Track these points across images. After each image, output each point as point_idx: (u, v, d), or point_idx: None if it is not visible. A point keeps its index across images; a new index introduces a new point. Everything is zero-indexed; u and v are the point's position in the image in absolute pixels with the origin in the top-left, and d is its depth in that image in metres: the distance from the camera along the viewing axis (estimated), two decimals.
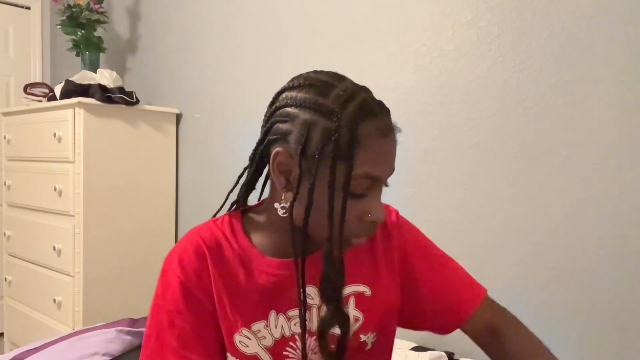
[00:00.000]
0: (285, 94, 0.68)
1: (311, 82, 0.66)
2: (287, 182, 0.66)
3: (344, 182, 0.61)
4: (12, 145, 2.39)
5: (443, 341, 1.48)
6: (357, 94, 0.64)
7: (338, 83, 0.65)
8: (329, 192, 0.62)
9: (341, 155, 0.61)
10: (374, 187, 0.65)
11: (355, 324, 0.73)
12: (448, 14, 1.49)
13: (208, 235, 0.73)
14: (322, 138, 0.62)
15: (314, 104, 0.63)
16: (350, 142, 0.61)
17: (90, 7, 2.41)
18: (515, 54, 1.36)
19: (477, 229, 1.45)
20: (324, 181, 0.62)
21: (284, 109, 0.66)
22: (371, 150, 0.62)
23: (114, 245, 2.15)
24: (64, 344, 1.45)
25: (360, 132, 0.61)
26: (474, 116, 1.44)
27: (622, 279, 1.21)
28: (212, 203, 2.24)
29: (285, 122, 0.65)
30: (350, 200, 0.63)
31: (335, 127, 0.61)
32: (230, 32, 2.14)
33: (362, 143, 0.61)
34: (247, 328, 0.69)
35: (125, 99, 2.12)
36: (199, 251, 0.71)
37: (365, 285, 0.74)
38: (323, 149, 0.61)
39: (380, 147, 0.63)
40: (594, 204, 1.25)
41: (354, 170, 0.61)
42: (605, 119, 1.22)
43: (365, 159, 0.62)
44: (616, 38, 1.20)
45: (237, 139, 2.11)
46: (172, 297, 0.69)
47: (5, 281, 2.48)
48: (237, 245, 0.72)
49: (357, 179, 0.62)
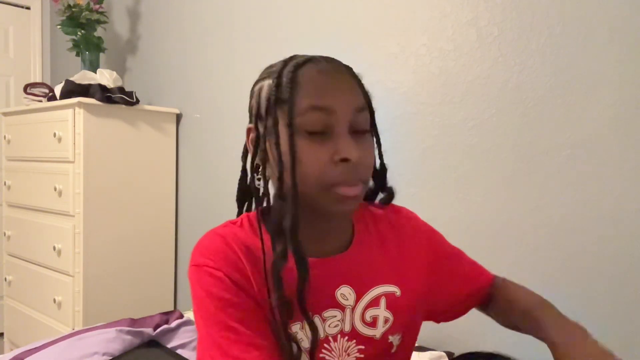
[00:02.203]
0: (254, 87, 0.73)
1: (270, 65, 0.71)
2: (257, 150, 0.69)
3: (287, 119, 0.62)
4: (12, 145, 2.39)
5: (443, 341, 1.48)
6: (304, 56, 0.67)
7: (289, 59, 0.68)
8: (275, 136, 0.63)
9: (283, 99, 0.63)
10: (332, 123, 0.63)
11: (385, 325, 0.72)
12: (448, 14, 1.49)
13: (233, 235, 0.69)
14: (267, 94, 0.65)
15: (263, 74, 0.69)
16: (290, 86, 0.63)
17: (90, 7, 2.41)
18: (515, 54, 1.36)
19: (477, 228, 1.45)
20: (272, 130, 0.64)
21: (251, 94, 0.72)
22: (310, 85, 0.63)
23: (114, 245, 2.15)
24: (64, 344, 1.45)
25: (298, 74, 0.64)
26: (474, 116, 1.45)
27: (622, 279, 1.21)
28: (212, 203, 2.26)
29: (250, 102, 0.71)
30: (311, 141, 0.63)
31: (276, 81, 0.64)
32: (230, 32, 2.14)
33: (301, 82, 0.63)
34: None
35: (125, 99, 2.12)
36: (230, 246, 0.67)
37: (395, 286, 0.74)
38: (268, 102, 0.65)
39: (319, 80, 0.64)
40: (594, 204, 1.25)
41: (296, 106, 0.62)
42: (605, 119, 1.22)
43: (305, 93, 0.63)
44: (616, 38, 1.20)
45: (237, 138, 2.10)
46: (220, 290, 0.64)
47: (5, 281, 2.48)
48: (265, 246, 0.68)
49: (305, 114, 0.62)
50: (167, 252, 2.37)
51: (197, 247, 0.70)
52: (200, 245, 0.69)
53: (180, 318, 1.63)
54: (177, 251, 2.41)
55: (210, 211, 2.22)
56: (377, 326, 0.72)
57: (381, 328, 0.72)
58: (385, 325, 0.72)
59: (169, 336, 1.54)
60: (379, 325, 0.72)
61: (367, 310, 0.71)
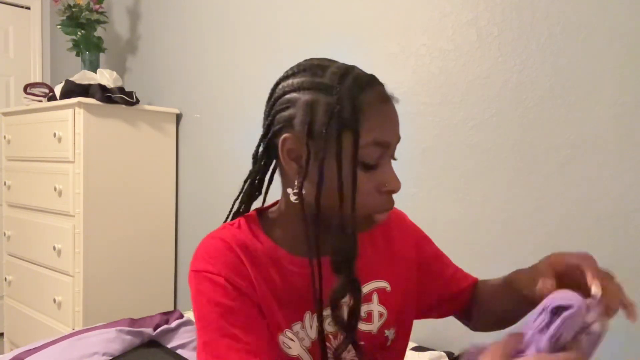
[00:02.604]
0: (281, 84, 0.68)
1: (304, 67, 0.67)
2: (299, 168, 0.66)
3: (352, 151, 0.61)
4: (12, 145, 2.39)
5: (443, 341, 1.48)
6: (350, 69, 0.66)
7: (330, 63, 0.67)
8: (337, 164, 0.62)
9: (347, 126, 0.62)
10: (384, 156, 0.65)
11: (381, 319, 0.74)
12: (448, 14, 1.49)
13: (232, 237, 0.69)
14: (326, 113, 0.62)
15: (312, 84, 0.64)
16: (354, 111, 0.62)
17: (90, 7, 2.41)
18: (515, 54, 1.36)
19: (477, 228, 1.45)
20: (333, 155, 0.62)
21: (283, 97, 0.67)
22: (375, 117, 0.63)
23: (114, 245, 2.15)
24: (64, 344, 1.45)
25: (362, 100, 0.63)
26: (474, 116, 1.44)
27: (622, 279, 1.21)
28: (212, 203, 2.26)
29: (287, 109, 0.66)
30: (364, 172, 0.63)
31: (337, 100, 0.62)
32: (230, 32, 2.14)
33: (365, 111, 0.62)
34: (289, 329, 0.69)
35: (125, 99, 2.12)
36: (231, 249, 0.68)
37: (385, 281, 0.75)
38: (329, 123, 0.62)
39: (383, 112, 0.65)
40: (594, 204, 1.25)
41: (361, 139, 0.62)
42: (605, 119, 1.22)
43: (370, 126, 0.62)
44: (616, 38, 1.20)
45: (237, 138, 2.11)
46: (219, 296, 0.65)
47: (5, 281, 2.48)
48: (263, 246, 0.70)
49: (366, 148, 0.62)
50: (167, 252, 2.37)
51: (197, 252, 0.70)
52: (200, 250, 0.70)
53: (180, 318, 1.63)
54: (177, 251, 2.41)
55: (210, 211, 2.22)
56: (372, 321, 0.73)
57: (377, 322, 0.73)
58: (380, 320, 0.74)
59: (169, 336, 1.54)
60: (375, 320, 0.73)
61: (362, 306, 0.71)
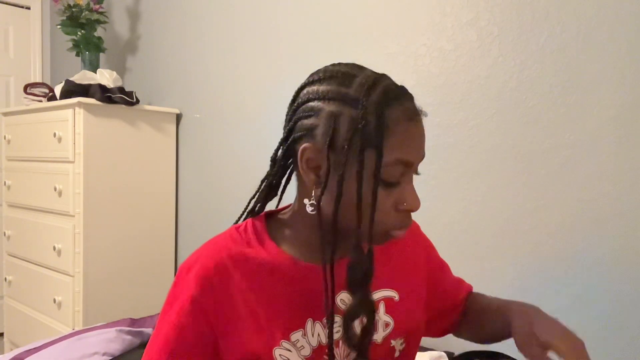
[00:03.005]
0: (306, 90, 0.66)
1: (331, 74, 0.65)
2: (317, 178, 0.64)
3: (374, 169, 0.60)
4: (12, 145, 2.39)
5: (443, 341, 1.48)
6: (379, 80, 0.63)
7: (358, 72, 0.64)
8: (358, 181, 0.60)
9: (370, 143, 0.59)
10: (406, 174, 0.63)
11: (387, 329, 0.72)
12: (448, 14, 1.49)
13: (232, 245, 0.68)
14: (350, 127, 0.60)
15: (337, 95, 0.62)
16: (379, 128, 0.59)
17: (90, 7, 2.41)
18: (515, 54, 1.36)
19: (478, 229, 1.45)
20: (354, 171, 0.60)
21: (306, 104, 0.64)
22: (400, 135, 0.61)
23: (114, 245, 2.15)
24: (64, 344, 1.45)
25: (388, 117, 0.60)
26: (474, 116, 1.44)
27: (622, 279, 1.21)
28: (212, 203, 2.26)
29: (310, 117, 0.63)
30: (384, 190, 0.62)
31: (362, 115, 0.59)
32: (230, 31, 2.14)
33: (391, 128, 0.60)
34: (286, 340, 0.67)
35: (125, 99, 2.12)
36: (221, 265, 0.66)
37: (393, 290, 0.74)
38: (352, 139, 0.60)
39: (409, 130, 0.62)
40: (594, 204, 1.25)
41: (384, 157, 0.60)
42: (605, 119, 1.22)
43: (395, 144, 0.60)
44: (616, 38, 1.20)
45: (237, 138, 2.11)
46: (178, 310, 0.66)
47: (5, 281, 2.48)
48: (266, 253, 0.68)
49: (389, 166, 0.61)
50: (167, 252, 2.37)
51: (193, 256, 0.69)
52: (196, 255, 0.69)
53: None
54: (177, 251, 2.41)
55: (210, 211, 2.22)
56: (377, 330, 0.71)
57: (382, 332, 0.72)
58: (386, 330, 0.72)
59: None
60: (379, 330, 0.71)
61: None
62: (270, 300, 0.67)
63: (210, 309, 0.66)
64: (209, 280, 0.66)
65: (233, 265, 0.67)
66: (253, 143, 2.03)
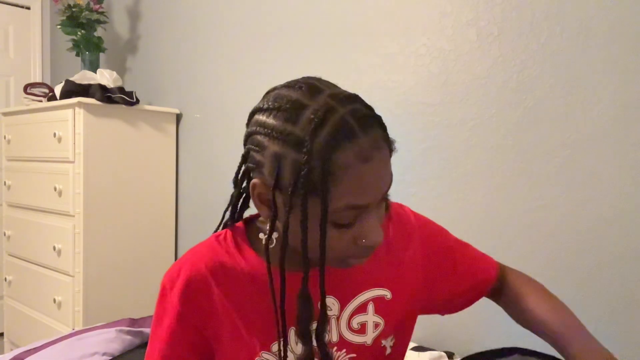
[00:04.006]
0: (256, 117, 0.61)
1: (280, 103, 0.58)
2: (269, 212, 0.62)
3: (320, 217, 0.55)
4: (12, 145, 2.39)
5: (443, 341, 1.48)
6: (331, 113, 0.55)
7: (310, 101, 0.57)
8: (302, 229, 0.56)
9: (314, 190, 0.55)
10: (362, 213, 0.58)
11: (376, 330, 0.71)
12: (448, 14, 1.49)
13: (211, 256, 0.68)
14: (293, 172, 0.55)
15: (282, 134, 0.56)
16: (323, 175, 0.54)
17: (90, 7, 2.41)
18: (515, 54, 1.36)
19: (477, 229, 1.45)
20: (298, 218, 0.56)
21: (255, 136, 0.60)
22: (350, 180, 0.55)
23: (114, 245, 2.15)
24: (64, 344, 1.45)
25: (335, 162, 0.54)
26: (474, 116, 1.45)
27: (622, 279, 1.21)
28: (212, 203, 2.26)
29: (258, 152, 0.59)
30: (337, 231, 0.58)
31: (305, 160, 0.54)
32: (230, 31, 2.14)
33: (338, 175, 0.54)
34: (266, 351, 0.66)
35: (125, 99, 2.12)
36: (201, 278, 0.66)
37: (385, 289, 0.72)
38: (295, 184, 0.55)
39: (360, 175, 0.55)
40: (594, 204, 1.25)
41: (331, 205, 0.55)
42: (605, 119, 1.22)
43: (344, 191, 0.55)
44: (616, 38, 1.20)
45: (237, 138, 2.10)
46: (167, 326, 0.67)
47: (5, 281, 2.48)
48: (245, 263, 0.67)
49: (338, 212, 0.56)
50: (167, 252, 2.37)
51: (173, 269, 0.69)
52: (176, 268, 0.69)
53: None
54: (177, 251, 2.41)
55: (210, 211, 2.22)
56: (366, 332, 0.70)
57: (371, 334, 0.71)
58: (375, 331, 0.71)
59: None
60: (369, 331, 0.71)
61: (354, 318, 0.70)
62: (249, 310, 0.67)
63: (197, 321, 0.67)
64: (191, 293, 0.66)
65: (212, 276, 0.66)
66: None
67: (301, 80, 0.61)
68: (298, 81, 0.61)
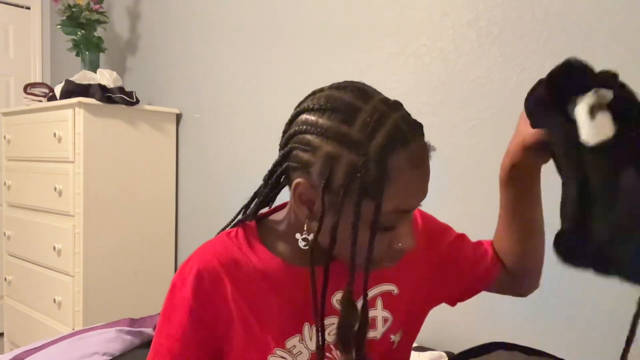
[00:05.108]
0: (305, 117, 0.61)
1: (334, 105, 0.59)
2: (310, 213, 0.62)
3: (371, 220, 0.56)
4: (12, 145, 2.39)
5: (443, 341, 1.48)
6: (385, 118, 0.57)
7: (364, 104, 0.58)
8: (354, 231, 0.57)
9: (369, 193, 0.56)
10: (404, 217, 0.60)
11: (385, 325, 0.71)
12: (448, 14, 1.49)
13: (223, 252, 0.67)
14: (348, 174, 0.56)
15: (337, 134, 0.57)
16: (379, 178, 0.55)
17: (90, 7, 2.41)
18: (515, 54, 1.36)
19: (477, 229, 1.45)
20: (349, 219, 0.57)
21: (304, 135, 0.59)
22: (402, 185, 0.57)
23: (114, 245, 2.15)
24: (64, 344, 1.45)
25: (390, 165, 0.56)
26: (474, 116, 1.44)
27: None
28: (212, 203, 2.26)
29: (307, 152, 0.59)
30: (380, 234, 0.59)
31: (362, 162, 0.55)
32: (231, 31, 2.14)
33: (392, 178, 0.56)
34: (280, 348, 0.66)
35: (125, 99, 2.12)
36: (214, 273, 0.65)
37: (392, 284, 0.72)
38: (349, 185, 0.56)
39: (412, 179, 0.58)
40: None
41: (382, 206, 0.56)
42: None
43: (395, 194, 0.57)
44: (616, 38, 1.20)
45: (237, 138, 2.11)
46: (178, 323, 0.65)
47: (5, 281, 2.48)
48: (258, 259, 0.67)
49: (386, 215, 0.57)
50: (167, 252, 2.37)
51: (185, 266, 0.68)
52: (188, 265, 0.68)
53: None
54: (177, 251, 2.41)
55: (210, 211, 2.22)
56: (376, 327, 0.71)
57: (381, 328, 0.71)
58: (385, 325, 0.71)
59: None
60: (378, 326, 0.71)
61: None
62: (262, 307, 0.66)
63: (209, 318, 0.66)
64: (204, 289, 0.65)
65: (224, 271, 0.66)
66: (253, 143, 2.03)
67: (348, 83, 0.62)
68: (345, 84, 0.62)
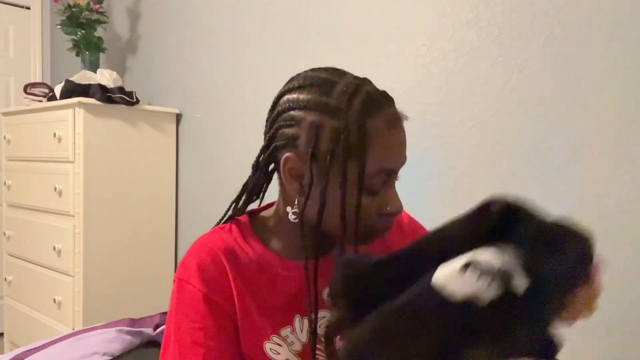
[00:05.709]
0: (286, 97, 0.66)
1: (311, 81, 0.65)
2: (300, 187, 0.65)
3: (357, 180, 0.60)
4: (12, 145, 2.39)
5: None
6: (360, 87, 0.63)
7: (339, 79, 0.64)
8: (342, 191, 0.61)
9: (353, 154, 0.60)
10: (388, 180, 0.64)
11: None
12: (448, 14, 1.49)
13: (221, 243, 0.69)
14: (332, 138, 0.61)
15: (318, 104, 0.62)
16: (361, 139, 0.60)
17: (90, 7, 2.41)
18: (515, 54, 1.36)
19: None
20: (337, 182, 0.61)
21: (287, 113, 0.64)
22: (382, 144, 0.62)
23: (114, 245, 2.15)
24: (64, 344, 1.45)
25: (370, 127, 0.60)
26: (474, 116, 1.44)
27: (622, 279, 1.21)
28: (212, 203, 2.26)
29: (292, 127, 0.64)
30: (367, 197, 0.62)
31: (344, 126, 0.60)
32: (230, 31, 2.14)
33: (373, 138, 0.61)
34: (276, 335, 0.68)
35: (125, 99, 2.12)
36: (217, 260, 0.67)
37: None
38: (334, 149, 0.60)
39: (390, 139, 0.63)
40: (594, 204, 1.25)
41: (367, 168, 0.60)
42: (605, 119, 1.22)
43: (377, 153, 0.61)
44: (616, 38, 1.20)
45: (237, 138, 2.11)
46: (194, 312, 0.66)
47: (5, 281, 2.48)
48: (253, 252, 0.70)
49: (372, 175, 0.61)
50: (167, 252, 2.37)
51: (185, 259, 0.70)
52: (188, 257, 0.69)
53: None
54: (177, 251, 2.41)
55: (210, 211, 2.22)
56: None
57: None
58: None
59: None
60: None
61: None
62: (260, 296, 0.68)
63: (222, 301, 0.67)
64: (210, 276, 0.67)
65: (227, 261, 0.68)
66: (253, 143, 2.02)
67: (322, 67, 0.68)
68: (320, 67, 0.68)
